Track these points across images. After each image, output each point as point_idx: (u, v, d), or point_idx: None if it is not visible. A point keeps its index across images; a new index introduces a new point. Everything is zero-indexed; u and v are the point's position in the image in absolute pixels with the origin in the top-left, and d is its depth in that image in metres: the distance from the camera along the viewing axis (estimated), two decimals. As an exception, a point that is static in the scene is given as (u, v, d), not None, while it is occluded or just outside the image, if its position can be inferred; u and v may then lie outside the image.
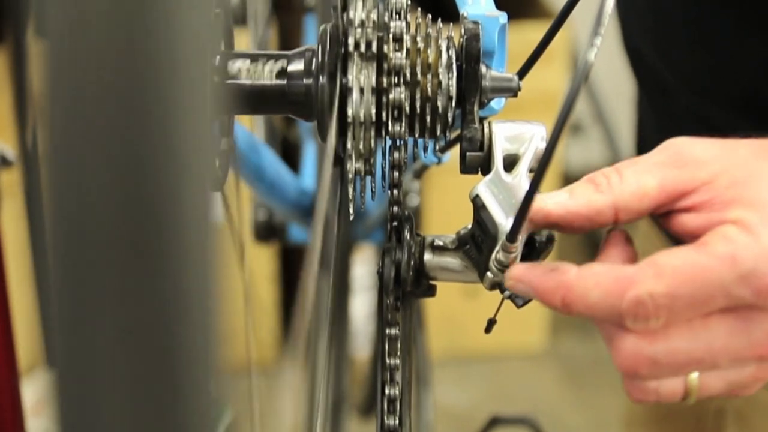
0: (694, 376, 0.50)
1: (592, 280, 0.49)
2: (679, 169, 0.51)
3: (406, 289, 0.56)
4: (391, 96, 0.53)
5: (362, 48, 0.52)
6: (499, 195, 0.53)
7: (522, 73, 0.56)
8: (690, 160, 0.51)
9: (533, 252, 0.53)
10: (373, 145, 0.53)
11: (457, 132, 0.56)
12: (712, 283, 0.48)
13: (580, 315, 0.50)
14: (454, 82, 0.54)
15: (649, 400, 0.51)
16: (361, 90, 0.52)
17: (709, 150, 0.52)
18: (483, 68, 0.54)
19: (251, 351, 0.52)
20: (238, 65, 0.55)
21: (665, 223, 0.52)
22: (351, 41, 0.52)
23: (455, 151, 0.56)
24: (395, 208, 0.57)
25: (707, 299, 0.48)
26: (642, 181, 0.51)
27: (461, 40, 0.54)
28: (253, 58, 0.55)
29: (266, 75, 0.55)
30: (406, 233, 0.56)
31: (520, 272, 0.52)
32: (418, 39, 0.54)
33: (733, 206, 0.49)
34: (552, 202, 0.52)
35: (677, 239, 0.52)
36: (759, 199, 0.49)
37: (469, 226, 0.55)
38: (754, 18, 0.79)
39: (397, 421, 0.56)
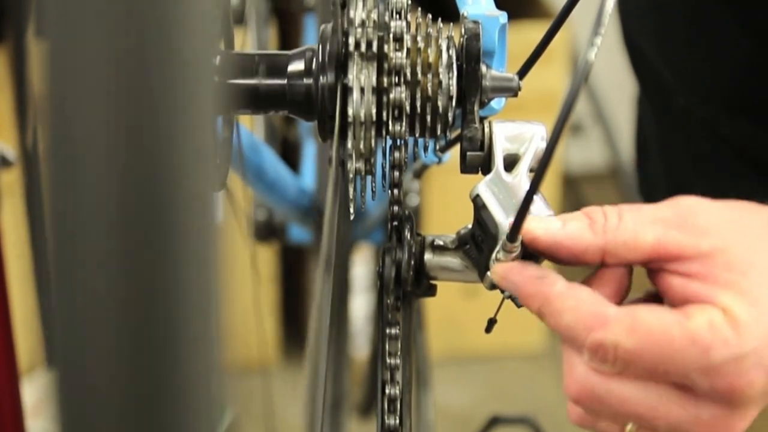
0: (632, 427, 0.50)
1: (571, 303, 0.49)
2: (681, 233, 0.50)
3: (406, 288, 0.56)
4: (391, 96, 0.53)
5: (363, 48, 0.52)
6: (499, 195, 0.53)
7: (522, 72, 0.56)
8: (695, 226, 0.50)
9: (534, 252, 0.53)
10: (373, 144, 0.53)
11: (458, 131, 0.56)
12: (675, 361, 0.48)
13: (550, 327, 0.50)
14: (454, 81, 0.54)
15: (585, 427, 0.52)
16: (362, 90, 0.52)
17: (718, 217, 0.51)
18: (483, 68, 0.54)
19: (251, 351, 0.52)
20: None
21: (651, 275, 0.52)
22: (351, 41, 0.52)
23: (455, 150, 0.56)
24: (395, 208, 0.57)
25: (666, 372, 0.48)
26: (639, 233, 0.50)
27: (461, 39, 0.54)
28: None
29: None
30: (406, 233, 0.56)
31: (506, 270, 0.52)
32: (419, 39, 0.54)
33: (727, 290, 0.49)
34: (542, 228, 0.51)
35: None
36: (753, 294, 0.48)
37: (470, 226, 0.55)
38: (753, 18, 0.79)
39: (397, 421, 0.56)
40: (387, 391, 0.56)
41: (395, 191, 0.57)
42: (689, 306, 0.49)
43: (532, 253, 0.52)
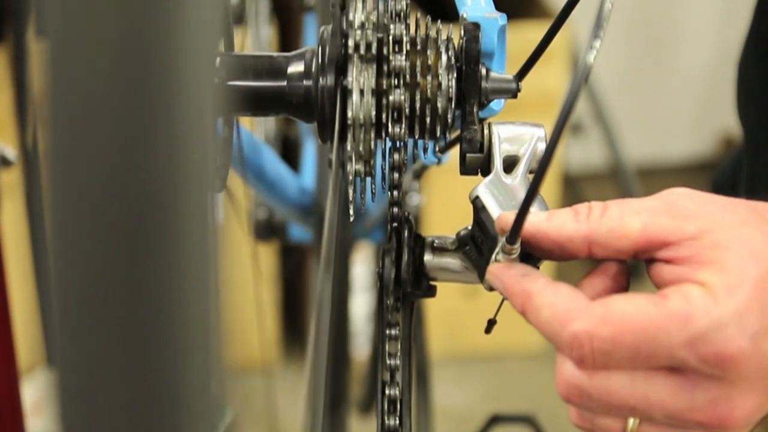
0: (634, 421, 0.49)
1: (549, 299, 0.49)
2: (668, 218, 0.49)
3: (406, 289, 0.56)
4: (391, 98, 0.53)
5: (362, 50, 0.52)
6: (499, 196, 0.53)
7: (521, 74, 0.56)
8: (682, 211, 0.50)
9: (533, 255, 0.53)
10: (373, 146, 0.53)
11: (457, 133, 0.56)
12: (657, 340, 0.47)
13: (534, 326, 0.50)
14: (453, 83, 0.54)
15: (585, 428, 0.51)
16: (361, 92, 0.52)
17: (705, 206, 0.50)
18: (483, 69, 0.54)
19: (252, 351, 0.52)
20: None
21: (647, 268, 0.51)
22: (351, 43, 0.52)
23: (455, 150, 0.56)
24: (395, 209, 0.57)
25: (650, 355, 0.47)
26: (625, 221, 0.50)
27: (461, 41, 0.55)
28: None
29: None
30: (405, 234, 0.56)
31: (497, 270, 0.52)
32: (418, 40, 0.54)
33: (707, 267, 0.48)
34: (527, 219, 0.51)
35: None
36: (733, 266, 0.48)
37: (469, 227, 0.55)
38: None
39: (397, 422, 0.56)
40: (387, 392, 0.56)
41: (395, 193, 0.57)
42: (667, 288, 0.48)
43: (531, 255, 0.52)
